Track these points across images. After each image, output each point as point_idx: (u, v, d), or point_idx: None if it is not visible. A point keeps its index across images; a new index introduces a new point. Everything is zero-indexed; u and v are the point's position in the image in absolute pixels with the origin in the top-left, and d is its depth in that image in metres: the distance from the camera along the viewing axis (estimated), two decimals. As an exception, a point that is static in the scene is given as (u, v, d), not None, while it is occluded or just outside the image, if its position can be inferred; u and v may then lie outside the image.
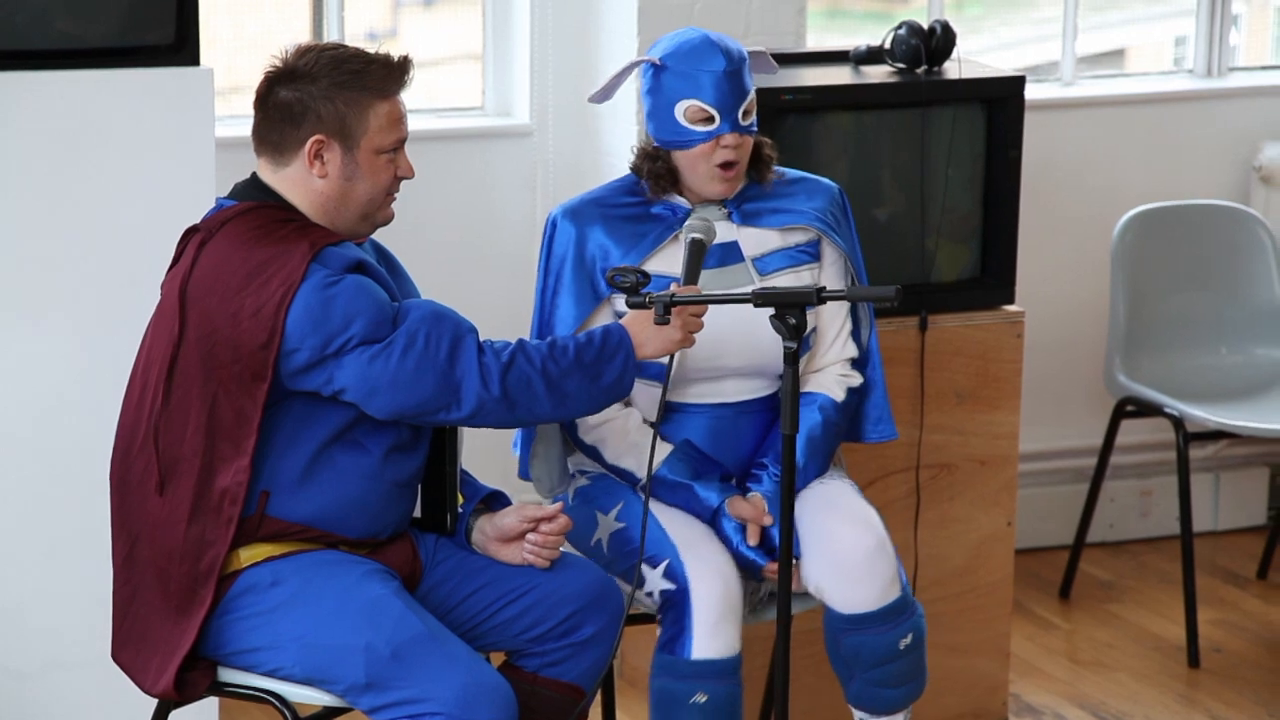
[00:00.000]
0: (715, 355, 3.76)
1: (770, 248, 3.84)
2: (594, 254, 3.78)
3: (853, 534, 3.74)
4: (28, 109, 3.93)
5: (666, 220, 3.80)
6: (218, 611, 3.38)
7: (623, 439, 3.79)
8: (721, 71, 3.72)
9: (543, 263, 3.83)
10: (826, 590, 3.75)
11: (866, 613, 3.74)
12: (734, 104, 3.73)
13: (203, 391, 3.34)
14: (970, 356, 4.55)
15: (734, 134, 3.73)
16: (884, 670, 3.76)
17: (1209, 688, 4.90)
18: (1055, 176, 5.47)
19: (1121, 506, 5.70)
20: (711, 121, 3.73)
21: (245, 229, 3.37)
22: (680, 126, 3.74)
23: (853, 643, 3.75)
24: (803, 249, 3.86)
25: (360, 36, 5.07)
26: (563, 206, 3.83)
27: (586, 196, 3.84)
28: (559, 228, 3.81)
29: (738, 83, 3.73)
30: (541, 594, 3.52)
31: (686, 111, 3.73)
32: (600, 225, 3.79)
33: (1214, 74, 5.71)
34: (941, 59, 4.57)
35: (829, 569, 3.74)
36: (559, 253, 3.80)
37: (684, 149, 3.75)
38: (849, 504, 3.80)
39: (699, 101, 3.72)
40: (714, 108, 3.72)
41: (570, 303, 3.77)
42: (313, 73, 3.37)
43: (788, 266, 3.85)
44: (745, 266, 3.83)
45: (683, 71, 3.73)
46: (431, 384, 3.34)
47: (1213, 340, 5.40)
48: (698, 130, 3.73)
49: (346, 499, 3.41)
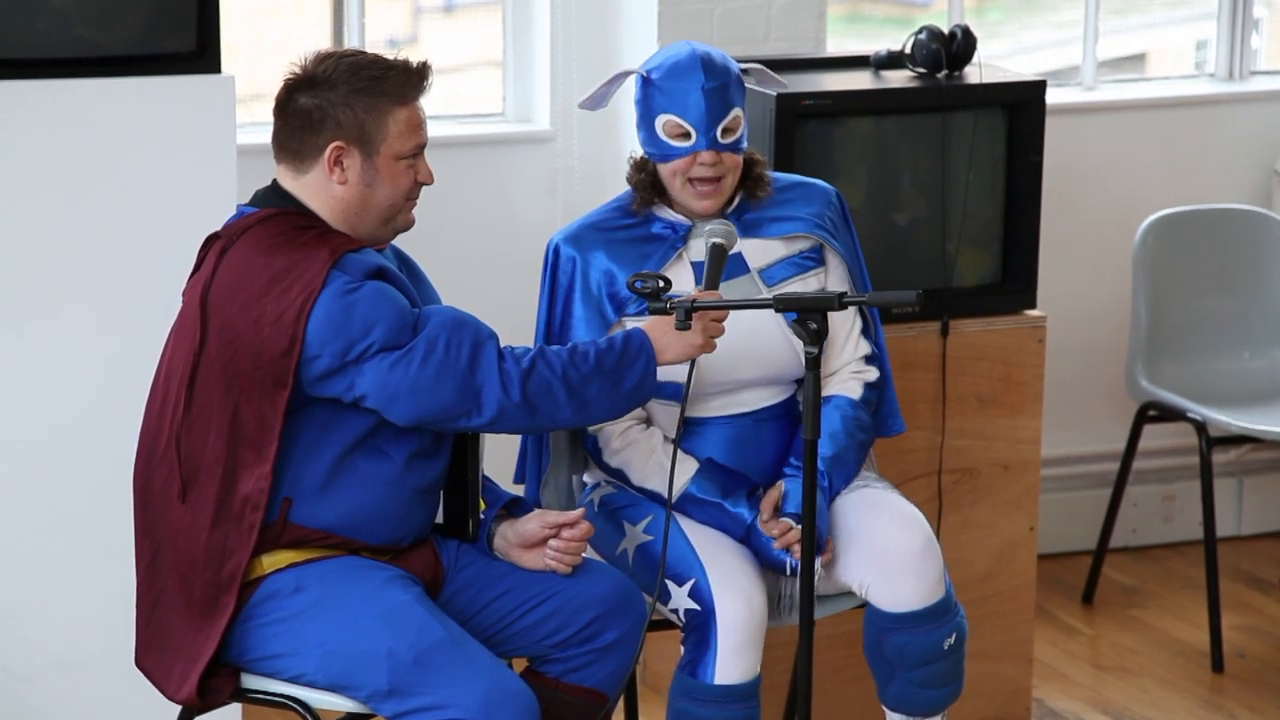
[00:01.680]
0: (731, 368, 3.76)
1: (775, 258, 3.84)
2: (599, 280, 3.78)
3: (900, 532, 3.74)
4: (49, 117, 3.94)
5: (669, 239, 3.80)
6: (240, 618, 3.38)
7: (648, 459, 3.79)
8: (700, 88, 3.72)
9: (546, 290, 3.83)
10: (872, 588, 3.75)
11: (913, 611, 3.73)
12: (712, 121, 3.72)
13: (224, 399, 3.35)
14: (992, 361, 4.54)
15: (710, 151, 3.73)
16: (927, 670, 3.76)
17: (1233, 693, 4.89)
18: (1076, 181, 5.46)
19: (1144, 511, 5.69)
20: (688, 138, 3.74)
21: (266, 236, 3.38)
22: (660, 140, 3.76)
23: (898, 642, 3.74)
24: (806, 255, 3.86)
25: (381, 43, 5.07)
26: (563, 233, 3.83)
27: (585, 221, 3.85)
28: (561, 255, 3.81)
29: (718, 100, 3.73)
30: (563, 600, 3.52)
31: (665, 126, 3.75)
32: (603, 250, 3.79)
33: (1235, 78, 5.70)
34: (962, 64, 4.56)
35: (876, 567, 3.73)
36: (564, 282, 3.80)
37: (662, 162, 3.77)
38: (893, 503, 3.81)
39: (676, 117, 3.73)
40: (690, 124, 3.73)
41: (584, 331, 3.77)
42: (332, 79, 3.37)
43: (794, 275, 3.85)
44: (751, 278, 3.83)
45: (665, 87, 3.74)
46: (452, 390, 3.34)
47: (1235, 344, 5.38)
48: (675, 145, 3.74)
49: (368, 505, 3.41)
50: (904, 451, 4.45)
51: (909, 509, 3.81)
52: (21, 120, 3.93)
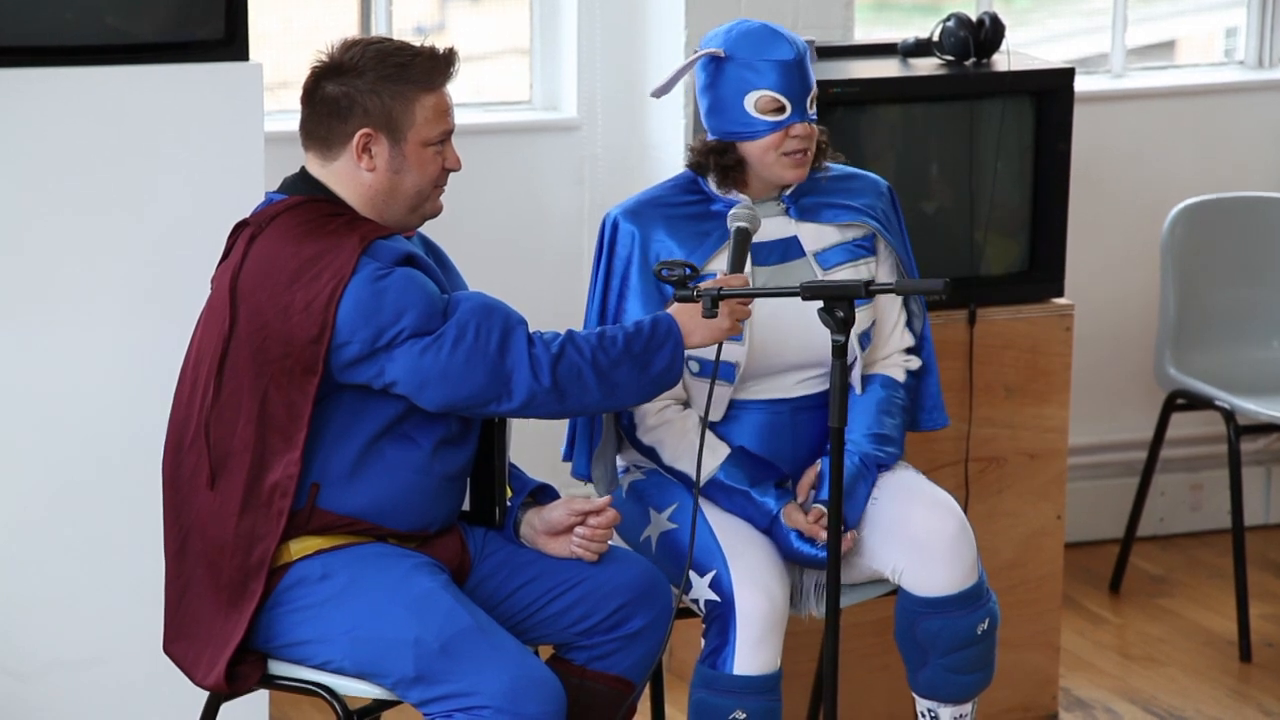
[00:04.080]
0: (781, 351, 3.75)
1: (830, 242, 3.83)
2: (658, 255, 3.75)
3: (934, 517, 3.74)
4: (78, 104, 3.94)
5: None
6: (268, 604, 3.39)
7: (681, 440, 3.78)
8: (791, 60, 3.70)
9: (602, 264, 3.79)
10: (906, 573, 3.74)
11: (947, 596, 3.73)
12: (803, 93, 3.72)
13: (254, 386, 3.35)
14: (1020, 350, 4.54)
15: (804, 124, 3.72)
16: (960, 655, 3.75)
17: (1261, 682, 4.88)
18: (1105, 169, 5.45)
19: (1172, 500, 5.68)
20: (783, 111, 3.71)
21: (295, 223, 3.38)
22: (750, 117, 3.72)
23: (931, 627, 3.74)
24: (860, 243, 3.86)
25: (408, 31, 5.07)
26: (621, 207, 3.80)
27: (644, 197, 3.81)
28: (620, 229, 3.77)
29: (804, 73, 3.72)
30: (590, 587, 3.52)
31: (758, 102, 3.71)
32: (662, 226, 3.77)
33: (1265, 65, 5.68)
34: (990, 51, 4.55)
35: (910, 552, 3.73)
36: (623, 254, 3.77)
37: (752, 140, 3.73)
38: (927, 489, 3.80)
39: (771, 92, 3.70)
40: (785, 97, 3.71)
41: (639, 306, 3.74)
42: (359, 67, 3.37)
43: (847, 261, 3.84)
44: (808, 261, 3.81)
45: (749, 62, 3.71)
46: (482, 376, 3.34)
47: (1264, 333, 5.37)
48: (768, 120, 3.71)
49: (396, 492, 3.42)
50: (931, 440, 4.44)
51: (942, 495, 3.80)
52: (51, 108, 3.94)
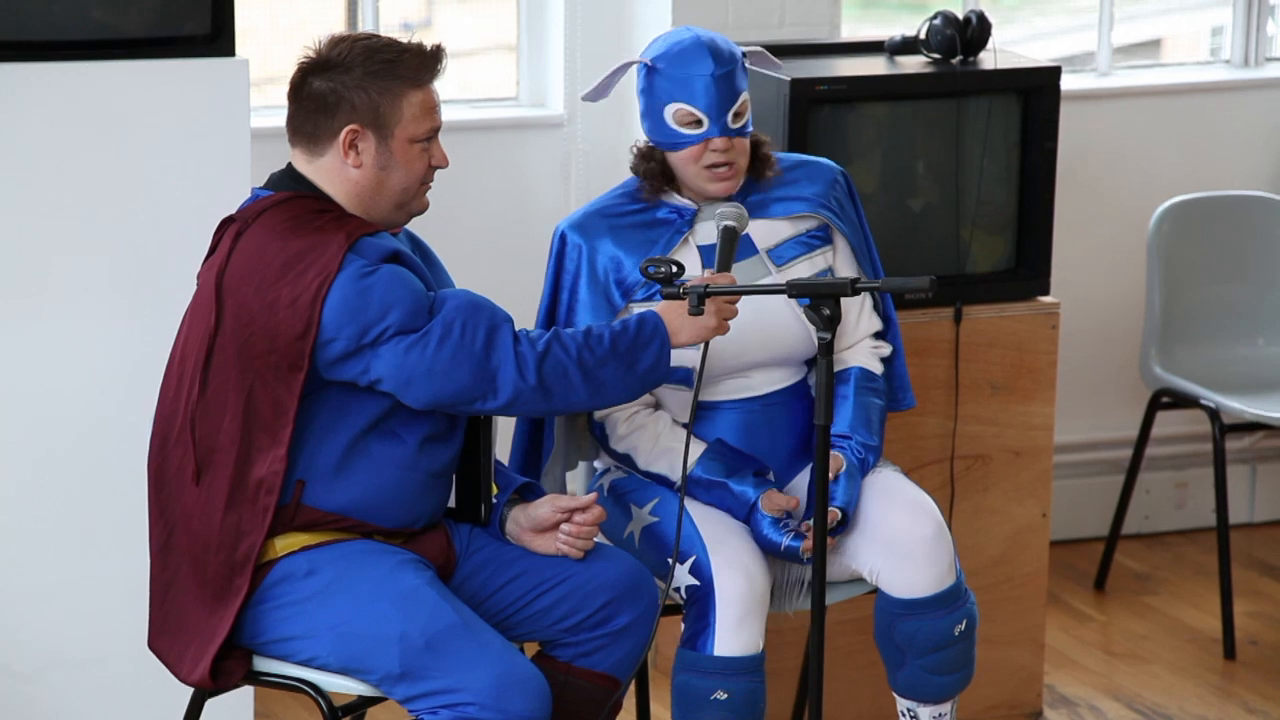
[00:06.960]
0: (741, 351, 3.76)
1: (782, 237, 3.84)
2: (606, 266, 3.78)
3: (911, 519, 3.75)
4: (64, 99, 3.94)
5: (674, 224, 3.80)
6: (253, 600, 3.39)
7: (654, 444, 3.79)
8: (709, 75, 3.71)
9: (551, 277, 3.83)
10: (883, 574, 3.75)
11: (924, 597, 3.73)
12: (722, 108, 3.72)
13: (239, 382, 3.35)
14: (1005, 348, 4.54)
15: (723, 138, 3.73)
16: (938, 656, 3.76)
17: (1245, 680, 4.88)
18: (1091, 167, 5.45)
19: (1157, 498, 5.69)
20: (699, 125, 3.73)
21: (281, 219, 3.38)
22: (670, 129, 3.75)
23: (908, 628, 3.75)
24: (814, 234, 3.87)
25: (395, 27, 5.07)
26: (568, 220, 3.83)
27: (590, 208, 3.84)
28: (568, 242, 3.80)
29: (726, 86, 3.72)
30: (575, 584, 3.52)
31: (675, 114, 3.74)
32: (609, 237, 3.79)
33: (1251, 64, 5.68)
34: (977, 49, 4.55)
35: (886, 553, 3.74)
36: (570, 268, 3.80)
37: (674, 150, 3.76)
38: (905, 490, 3.81)
39: (687, 105, 3.72)
40: (702, 111, 3.72)
41: (589, 319, 3.77)
42: (346, 63, 3.37)
43: (802, 254, 3.85)
44: (760, 259, 3.82)
45: (672, 74, 3.73)
46: (468, 373, 3.34)
47: (1249, 331, 5.38)
48: (686, 133, 3.73)
49: (381, 489, 3.42)
50: (916, 438, 4.45)
51: (920, 495, 3.81)
52: (36, 103, 3.93)
